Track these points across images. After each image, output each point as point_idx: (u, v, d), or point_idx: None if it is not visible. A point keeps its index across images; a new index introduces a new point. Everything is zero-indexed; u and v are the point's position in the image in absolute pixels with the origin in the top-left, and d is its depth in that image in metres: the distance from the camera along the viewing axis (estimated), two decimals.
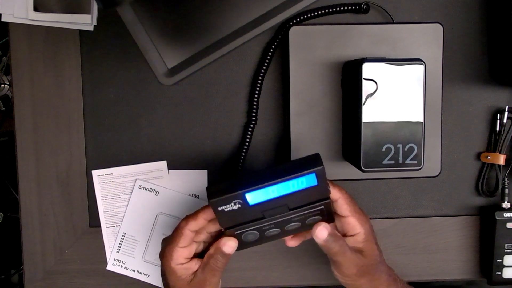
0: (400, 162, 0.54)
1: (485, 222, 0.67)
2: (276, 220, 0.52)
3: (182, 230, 0.53)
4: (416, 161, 0.54)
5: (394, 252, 0.68)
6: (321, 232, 0.53)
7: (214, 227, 0.54)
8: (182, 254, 0.53)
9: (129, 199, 0.67)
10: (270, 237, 0.54)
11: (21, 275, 1.23)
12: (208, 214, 0.52)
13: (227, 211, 0.49)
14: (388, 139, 0.54)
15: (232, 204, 0.48)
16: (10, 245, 1.25)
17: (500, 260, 0.66)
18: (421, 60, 0.54)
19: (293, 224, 0.53)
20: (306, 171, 0.47)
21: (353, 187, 0.67)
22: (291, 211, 0.51)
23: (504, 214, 0.65)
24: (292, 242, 0.58)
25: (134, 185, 0.66)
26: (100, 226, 0.67)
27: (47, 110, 0.65)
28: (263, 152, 0.66)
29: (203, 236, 0.55)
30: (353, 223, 0.55)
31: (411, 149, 0.54)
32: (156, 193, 0.67)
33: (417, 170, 0.55)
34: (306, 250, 0.68)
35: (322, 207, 0.52)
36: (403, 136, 0.54)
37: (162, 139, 0.66)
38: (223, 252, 0.52)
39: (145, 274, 0.68)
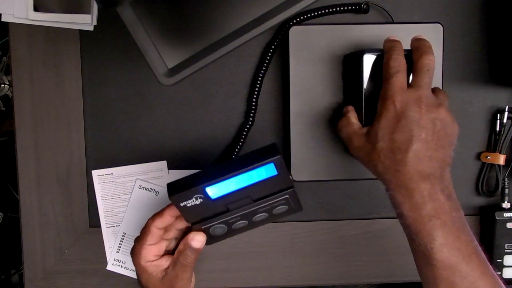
0: None
1: (485, 222, 0.67)
2: (242, 212, 0.51)
3: (149, 228, 0.53)
4: None
5: (394, 252, 0.68)
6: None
7: (182, 224, 0.54)
8: (150, 251, 0.53)
9: (129, 199, 0.67)
10: (239, 229, 0.54)
11: (21, 275, 1.23)
12: (174, 210, 0.52)
13: (190, 206, 0.49)
14: None
15: (194, 199, 0.48)
16: (10, 245, 1.25)
17: (500, 260, 0.66)
18: None
19: (260, 215, 0.53)
20: (263, 162, 0.47)
21: (353, 187, 0.67)
22: (256, 203, 0.51)
23: (504, 214, 0.65)
24: None
25: (134, 185, 0.67)
26: (100, 226, 0.67)
27: (47, 110, 0.65)
28: None
29: (173, 234, 0.55)
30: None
31: None
32: (156, 193, 0.67)
33: None
34: (306, 250, 0.68)
35: (287, 196, 0.51)
36: None
37: (162, 139, 0.66)
38: (192, 248, 0.53)
39: None
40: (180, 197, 0.48)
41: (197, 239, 0.53)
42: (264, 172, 0.48)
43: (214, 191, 0.48)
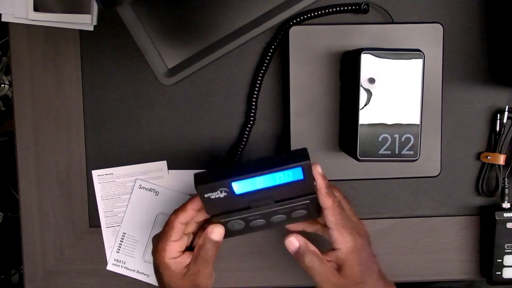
0: (397, 152, 0.54)
1: (485, 222, 0.67)
2: (262, 211, 0.52)
3: (173, 224, 0.54)
4: (412, 152, 0.54)
5: (394, 252, 0.68)
6: (291, 244, 0.55)
7: (202, 216, 0.55)
8: (174, 248, 0.54)
9: (129, 199, 0.67)
10: (255, 228, 0.55)
11: (21, 275, 1.23)
12: (196, 203, 0.54)
13: (214, 198, 0.50)
14: (384, 129, 0.54)
15: (219, 192, 0.49)
16: (10, 245, 1.25)
17: (500, 260, 0.66)
18: (420, 50, 0.53)
19: (278, 216, 0.54)
20: (292, 165, 0.48)
21: (353, 187, 0.67)
22: (277, 203, 0.52)
23: (504, 214, 0.65)
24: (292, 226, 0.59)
25: (134, 185, 0.67)
26: (100, 226, 0.67)
27: (47, 110, 0.65)
28: (264, 152, 0.66)
29: (192, 227, 0.56)
30: (335, 238, 0.54)
31: (408, 139, 0.54)
32: (156, 193, 0.67)
33: (413, 161, 0.54)
34: None
35: (308, 201, 0.52)
36: (400, 126, 0.54)
37: (162, 139, 0.66)
38: (211, 240, 0.54)
39: (145, 274, 0.68)
40: (206, 188, 0.49)
41: (217, 231, 0.54)
42: (291, 175, 0.48)
43: (240, 186, 0.49)
